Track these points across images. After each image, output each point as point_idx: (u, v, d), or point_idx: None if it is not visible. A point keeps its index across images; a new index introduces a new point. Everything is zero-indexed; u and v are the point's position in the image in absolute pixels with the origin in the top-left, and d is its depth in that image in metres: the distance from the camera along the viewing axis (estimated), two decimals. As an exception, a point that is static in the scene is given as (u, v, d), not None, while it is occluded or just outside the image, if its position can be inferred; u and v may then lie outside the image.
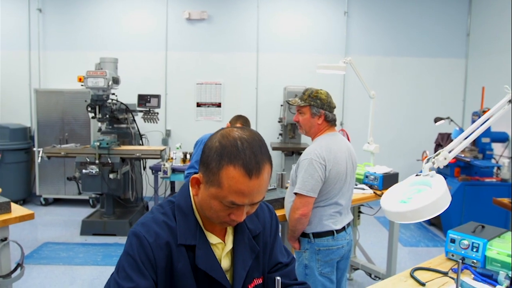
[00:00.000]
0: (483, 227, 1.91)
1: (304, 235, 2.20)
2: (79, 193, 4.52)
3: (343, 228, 2.23)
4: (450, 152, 1.53)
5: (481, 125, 1.61)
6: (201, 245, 1.06)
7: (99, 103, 4.36)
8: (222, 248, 1.12)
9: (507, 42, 4.87)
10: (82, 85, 4.30)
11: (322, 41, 5.91)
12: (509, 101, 1.61)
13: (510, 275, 1.58)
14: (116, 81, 4.45)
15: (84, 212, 5.20)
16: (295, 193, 2.14)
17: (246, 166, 0.95)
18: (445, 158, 1.50)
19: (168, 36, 5.89)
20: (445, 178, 5.03)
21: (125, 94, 4.81)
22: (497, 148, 4.98)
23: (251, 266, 1.14)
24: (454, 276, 1.64)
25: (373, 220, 5.27)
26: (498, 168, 4.72)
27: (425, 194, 1.40)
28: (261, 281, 1.18)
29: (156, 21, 5.88)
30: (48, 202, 5.74)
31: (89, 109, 4.40)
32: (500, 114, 1.60)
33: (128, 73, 5.29)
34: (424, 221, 5.30)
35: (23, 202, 5.69)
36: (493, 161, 4.77)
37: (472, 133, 1.62)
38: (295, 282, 1.17)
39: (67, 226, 4.87)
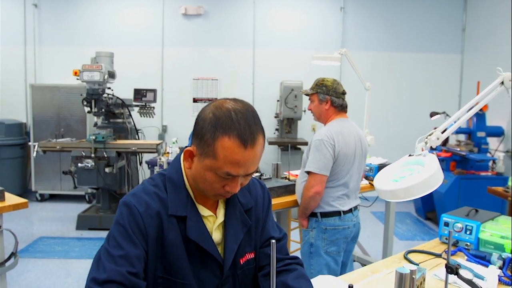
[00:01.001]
0: (476, 211, 1.91)
1: (312, 214, 2.32)
2: (75, 187, 4.49)
3: (350, 210, 2.33)
4: (443, 132, 1.53)
5: (473, 106, 1.61)
6: (192, 216, 1.06)
7: (95, 97, 4.35)
8: (213, 221, 1.12)
9: (502, 37, 4.89)
10: (77, 79, 4.29)
11: (318, 36, 5.92)
12: (501, 82, 1.62)
13: (503, 256, 1.59)
14: (112, 75, 4.44)
15: (80, 207, 5.18)
16: (308, 172, 2.25)
17: (241, 136, 0.95)
18: (438, 138, 1.51)
19: (164, 32, 5.88)
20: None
21: (121, 90, 4.80)
22: (493, 142, 5.00)
23: (242, 240, 1.13)
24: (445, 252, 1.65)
25: (369, 215, 5.28)
26: (494, 162, 4.73)
27: (417, 173, 1.41)
28: (253, 256, 1.18)
29: (153, 17, 5.88)
30: (44, 198, 5.71)
31: (85, 103, 4.39)
32: (492, 95, 1.61)
33: (124, 69, 5.27)
34: (420, 216, 5.31)
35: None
36: (488, 155, 4.79)
37: (468, 112, 1.63)
38: (286, 257, 1.17)
39: (63, 221, 4.85)
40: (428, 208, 5.12)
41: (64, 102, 5.49)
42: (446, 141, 5.27)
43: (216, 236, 1.11)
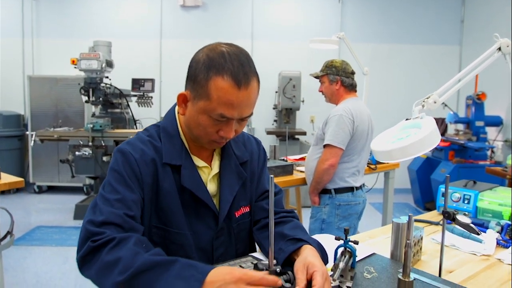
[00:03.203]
0: (474, 182, 1.91)
1: (326, 191, 2.38)
2: (73, 177, 4.48)
3: (360, 187, 2.44)
4: (440, 97, 1.52)
5: (471, 72, 1.60)
6: (187, 165, 1.05)
7: (93, 86, 4.34)
8: (208, 173, 1.11)
9: (500, 28, 4.89)
10: (75, 67, 4.28)
11: (317, 28, 5.91)
12: (498, 48, 1.61)
13: (501, 223, 1.58)
14: (109, 64, 4.43)
15: (78, 199, 5.16)
16: (325, 145, 2.30)
17: (235, 76, 0.93)
18: (435, 102, 1.50)
19: (162, 23, 5.87)
20: (440, 161, 5.01)
21: (120, 82, 4.78)
22: (491, 132, 4.99)
23: (238, 193, 1.12)
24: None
25: (368, 205, 5.26)
26: (492, 151, 4.73)
27: (414, 134, 1.40)
28: (248, 210, 1.16)
29: (151, 8, 5.87)
30: (41, 190, 5.69)
31: (83, 92, 4.37)
32: (489, 61, 1.60)
33: (123, 61, 5.26)
34: (419, 206, 5.30)
35: (16, 190, 5.65)
36: (487, 144, 4.78)
37: (465, 77, 1.61)
38: (282, 210, 1.16)
39: (61, 212, 4.83)
40: (427, 199, 5.11)
41: (62, 94, 5.48)
42: (445, 130, 5.26)
43: (211, 187, 1.10)
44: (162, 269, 0.80)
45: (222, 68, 0.94)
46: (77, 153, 4.22)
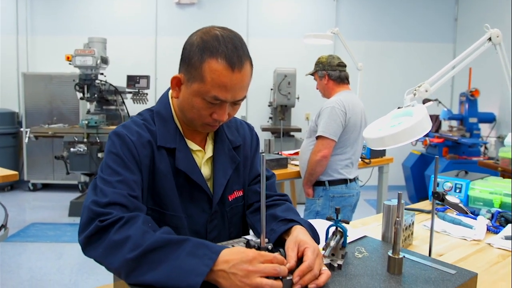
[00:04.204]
0: (466, 172, 1.93)
1: (320, 183, 2.39)
2: (67, 173, 4.47)
3: (354, 179, 2.47)
4: (432, 86, 1.54)
5: (462, 61, 1.62)
6: (181, 148, 1.06)
7: (88, 82, 4.33)
8: (202, 156, 1.12)
9: (493, 26, 4.93)
10: (70, 64, 4.27)
11: (311, 25, 5.92)
12: (489, 39, 1.63)
13: (492, 211, 1.60)
14: (104, 60, 4.42)
15: (73, 196, 5.14)
16: (317, 137, 2.32)
17: (229, 59, 0.94)
18: (427, 90, 1.52)
19: (158, 21, 5.87)
20: (434, 157, 5.00)
21: (115, 79, 4.76)
22: (484, 129, 5.04)
23: (231, 177, 1.14)
24: (436, 212, 1.66)
25: (362, 202, 5.29)
26: (486, 147, 4.77)
27: (405, 121, 1.41)
28: (241, 194, 1.18)
29: (146, 6, 5.86)
30: (36, 188, 5.67)
31: (77, 88, 4.37)
32: (480, 51, 1.62)
33: (118, 58, 5.25)
34: (413, 202, 5.30)
35: (11, 187, 5.63)
36: (480, 140, 4.82)
37: (457, 65, 1.64)
38: (275, 193, 1.17)
39: (55, 209, 4.81)
40: (421, 195, 5.14)
41: (56, 91, 5.46)
42: (438, 127, 5.30)
43: (205, 171, 1.11)
44: (174, 247, 0.80)
45: (216, 50, 0.94)
46: (72, 149, 4.21)
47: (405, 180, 5.43)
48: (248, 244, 0.86)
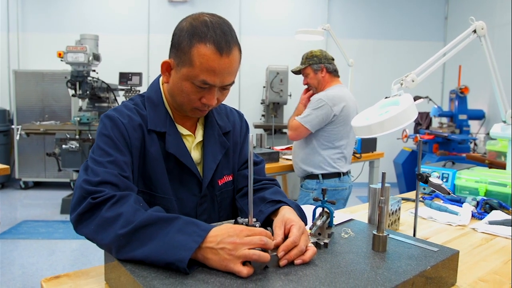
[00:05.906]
0: (453, 163, 1.97)
1: (313, 176, 2.43)
2: (59, 170, 4.45)
3: (347, 173, 2.51)
4: (419, 76, 1.57)
5: (448, 52, 1.66)
6: (171, 132, 1.08)
7: (79, 79, 4.31)
8: (192, 141, 1.14)
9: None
10: (61, 60, 4.25)
11: (304, 23, 5.95)
12: (474, 31, 1.67)
13: (477, 199, 1.64)
14: (96, 57, 4.41)
15: (65, 194, 5.13)
16: (296, 120, 2.38)
17: (217, 43, 0.96)
18: (413, 81, 1.55)
19: (150, 18, 5.87)
20: (424, 154, 5.08)
21: (107, 77, 4.76)
22: (474, 126, 5.11)
23: (221, 162, 1.16)
24: (422, 199, 1.69)
25: (355, 199, 5.34)
26: (475, 144, 4.83)
27: (391, 110, 1.45)
28: (231, 179, 1.20)
29: (138, 3, 5.86)
30: (28, 186, 5.63)
31: (69, 85, 4.35)
32: (465, 43, 1.66)
33: (110, 56, 5.24)
34: (405, 199, 5.37)
35: (1, 186, 5.59)
36: (469, 136, 4.89)
37: (443, 56, 1.67)
38: (264, 178, 1.19)
39: (47, 207, 4.79)
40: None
41: (48, 89, 5.43)
42: (429, 124, 5.36)
43: (195, 155, 1.13)
44: (164, 224, 0.82)
45: (205, 36, 0.97)
46: (63, 146, 4.20)
47: (397, 177, 5.48)
48: (236, 222, 0.88)
